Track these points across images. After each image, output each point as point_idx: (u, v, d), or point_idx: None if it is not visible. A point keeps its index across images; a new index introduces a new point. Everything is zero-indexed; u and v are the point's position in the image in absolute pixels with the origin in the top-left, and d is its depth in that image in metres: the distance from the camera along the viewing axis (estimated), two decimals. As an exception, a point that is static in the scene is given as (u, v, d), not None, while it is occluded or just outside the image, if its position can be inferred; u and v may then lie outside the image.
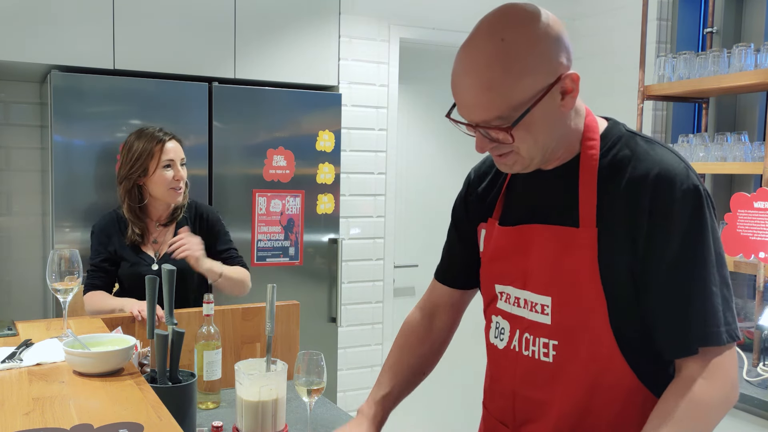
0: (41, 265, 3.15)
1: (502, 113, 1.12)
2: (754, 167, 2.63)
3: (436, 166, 3.76)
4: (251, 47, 3.04)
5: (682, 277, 1.13)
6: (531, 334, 1.26)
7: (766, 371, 2.35)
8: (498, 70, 1.10)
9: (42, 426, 1.12)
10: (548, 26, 1.13)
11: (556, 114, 1.16)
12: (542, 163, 1.22)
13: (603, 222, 1.17)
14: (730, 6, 3.25)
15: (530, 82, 1.11)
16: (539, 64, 1.12)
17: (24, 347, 1.56)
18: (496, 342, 1.35)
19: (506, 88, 1.11)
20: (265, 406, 1.56)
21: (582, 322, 1.19)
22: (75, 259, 1.67)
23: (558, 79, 1.13)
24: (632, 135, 1.23)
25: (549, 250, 1.22)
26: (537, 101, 1.12)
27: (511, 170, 1.24)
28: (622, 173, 1.17)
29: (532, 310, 1.25)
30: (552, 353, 1.22)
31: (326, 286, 3.22)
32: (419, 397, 3.77)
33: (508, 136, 1.14)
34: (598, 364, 1.19)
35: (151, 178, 2.35)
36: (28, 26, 2.66)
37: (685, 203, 1.13)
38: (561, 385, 1.23)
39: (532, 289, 1.25)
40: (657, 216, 1.13)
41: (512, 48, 1.11)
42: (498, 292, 1.34)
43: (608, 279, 1.16)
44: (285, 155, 3.07)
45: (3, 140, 3.10)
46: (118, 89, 2.76)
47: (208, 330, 1.88)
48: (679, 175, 1.14)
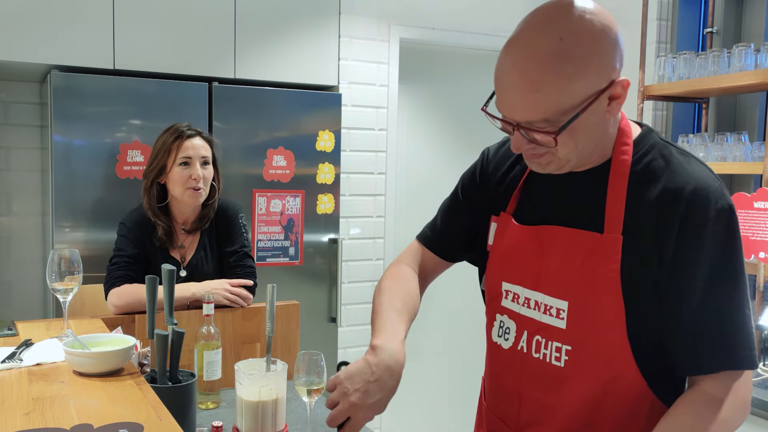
0: (41, 265, 3.15)
1: (548, 116, 1.06)
2: (754, 167, 2.63)
3: (436, 166, 3.76)
4: (251, 47, 3.04)
5: (715, 296, 1.10)
6: (543, 337, 1.22)
7: (766, 371, 2.35)
8: (552, 71, 1.04)
9: (42, 426, 1.12)
10: (608, 27, 1.07)
11: (601, 119, 1.11)
12: (576, 166, 1.18)
13: (629, 230, 1.13)
14: (730, 6, 3.25)
15: (583, 87, 1.05)
16: (595, 68, 1.06)
17: (24, 347, 1.56)
18: (499, 341, 1.32)
19: (558, 92, 1.04)
20: (265, 406, 1.56)
21: (599, 330, 1.16)
22: (75, 259, 1.67)
23: (610, 85, 1.08)
24: (666, 144, 1.19)
25: (569, 254, 1.19)
26: (586, 107, 1.06)
27: (544, 170, 1.18)
28: (655, 183, 1.13)
29: (546, 312, 1.21)
30: (564, 358, 1.20)
31: (326, 286, 3.22)
32: (416, 391, 3.77)
33: (551, 140, 1.09)
34: (610, 370, 1.17)
35: (169, 177, 2.23)
36: (28, 26, 2.66)
37: (720, 222, 1.09)
38: (570, 389, 1.20)
39: (546, 292, 1.22)
40: (689, 232, 1.09)
41: (570, 49, 1.04)
42: (504, 290, 1.30)
43: (629, 289, 1.12)
44: (285, 155, 3.07)
45: (3, 140, 3.10)
46: (118, 89, 2.76)
47: (208, 330, 1.88)
48: (714, 192, 1.10)
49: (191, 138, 2.26)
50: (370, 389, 1.18)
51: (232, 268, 2.30)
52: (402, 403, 3.73)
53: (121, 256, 2.23)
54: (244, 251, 2.33)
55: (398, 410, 3.68)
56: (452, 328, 3.84)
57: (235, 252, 2.32)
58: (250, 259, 2.34)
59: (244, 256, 2.33)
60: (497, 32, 3.58)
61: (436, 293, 3.85)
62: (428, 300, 3.97)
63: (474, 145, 4.07)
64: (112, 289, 2.17)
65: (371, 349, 1.24)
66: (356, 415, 1.18)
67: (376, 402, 1.19)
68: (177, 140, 2.24)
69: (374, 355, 1.22)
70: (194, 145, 2.25)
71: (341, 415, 1.18)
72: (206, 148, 2.29)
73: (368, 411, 1.18)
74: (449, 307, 3.81)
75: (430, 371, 3.81)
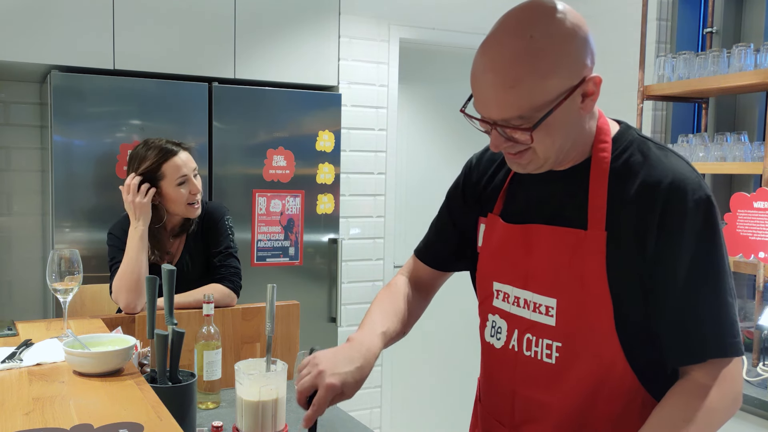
0: (41, 265, 3.16)
1: (523, 113, 1.10)
2: (753, 167, 2.63)
3: (435, 165, 3.76)
4: (251, 47, 3.04)
5: (697, 286, 1.13)
6: (533, 335, 1.25)
7: (766, 371, 2.35)
8: (524, 68, 1.07)
9: (42, 426, 1.12)
10: (577, 26, 1.11)
11: (575, 116, 1.15)
12: (555, 164, 1.20)
13: (612, 225, 1.16)
14: (730, 6, 3.25)
15: (556, 83, 1.09)
16: (566, 64, 1.10)
17: (24, 347, 1.56)
18: (492, 341, 1.34)
19: (531, 88, 1.08)
20: (265, 406, 1.56)
21: (588, 325, 1.18)
22: (75, 259, 1.67)
23: (582, 81, 1.11)
24: (644, 140, 1.22)
25: (555, 252, 1.21)
26: (560, 103, 1.10)
27: (524, 170, 1.21)
28: (634, 178, 1.17)
29: (536, 311, 1.24)
30: (555, 355, 1.22)
31: (326, 286, 3.22)
32: (415, 392, 3.78)
33: (527, 137, 1.12)
34: (601, 365, 1.19)
35: (166, 197, 2.22)
36: (28, 26, 2.67)
37: (698, 213, 1.12)
38: (563, 385, 1.22)
39: (534, 290, 1.24)
40: (669, 224, 1.13)
41: (541, 46, 1.08)
42: (495, 290, 1.33)
43: (615, 282, 1.15)
44: (285, 155, 3.07)
45: (3, 140, 3.10)
46: (118, 89, 2.76)
47: (208, 330, 1.88)
48: (691, 184, 1.13)
49: (179, 154, 2.23)
50: (339, 362, 1.24)
51: (216, 269, 2.30)
52: (402, 403, 3.73)
53: (116, 261, 2.24)
54: (228, 252, 2.33)
55: (399, 410, 3.69)
56: (449, 331, 3.85)
57: (219, 252, 2.32)
58: (234, 260, 2.33)
59: (229, 257, 2.32)
60: (497, 32, 3.58)
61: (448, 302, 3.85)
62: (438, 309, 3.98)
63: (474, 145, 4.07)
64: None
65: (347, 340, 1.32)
66: (322, 383, 1.20)
67: (344, 374, 1.22)
68: (166, 161, 2.20)
69: (347, 342, 1.31)
70: (184, 161, 2.23)
71: (308, 382, 1.21)
72: (191, 159, 2.28)
73: (334, 379, 1.20)
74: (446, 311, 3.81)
75: (428, 373, 3.81)
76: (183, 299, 2.13)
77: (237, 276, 2.31)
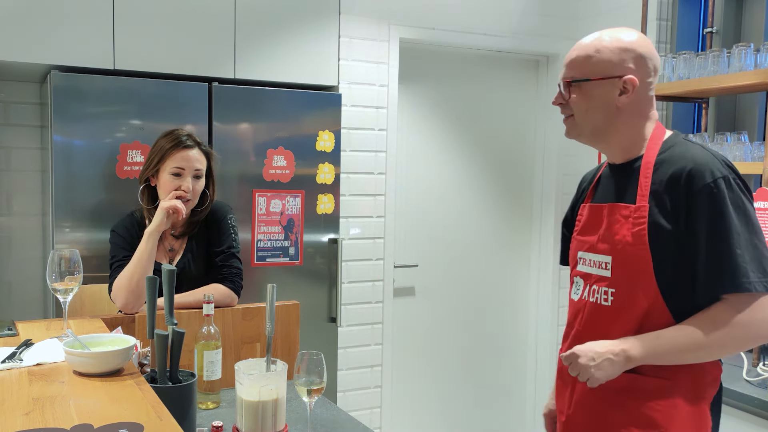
0: (41, 265, 3.16)
1: (575, 75, 1.62)
2: (754, 167, 2.63)
3: (436, 166, 3.76)
4: (251, 47, 3.04)
5: (722, 232, 1.47)
6: (596, 285, 1.64)
7: (766, 371, 2.35)
8: (591, 48, 1.62)
9: (42, 426, 1.12)
10: (634, 42, 1.60)
11: (611, 103, 1.60)
12: (591, 138, 1.66)
13: (653, 200, 1.55)
14: (730, 6, 3.25)
15: (603, 66, 1.60)
16: (614, 59, 1.59)
17: (24, 347, 1.56)
18: (574, 296, 1.74)
19: (587, 59, 1.61)
20: (265, 406, 1.56)
21: (634, 274, 1.56)
22: (75, 259, 1.68)
23: (620, 76, 1.58)
24: (684, 141, 1.62)
25: (613, 221, 1.62)
26: (599, 79, 1.59)
27: (569, 135, 1.69)
28: (670, 167, 1.56)
29: (599, 267, 1.64)
30: (611, 299, 1.60)
31: (326, 286, 3.22)
32: (415, 393, 3.77)
33: (567, 91, 1.63)
34: (644, 307, 1.55)
35: (159, 181, 2.26)
36: (28, 26, 2.67)
37: (718, 185, 1.49)
38: (616, 324, 1.58)
39: (598, 252, 1.65)
40: (693, 195, 1.50)
41: (606, 43, 1.61)
42: (579, 258, 1.73)
43: (655, 241, 1.53)
44: (285, 155, 3.07)
45: (3, 140, 3.10)
46: (118, 89, 2.76)
47: (208, 330, 1.88)
48: (710, 165, 1.51)
49: (189, 149, 2.26)
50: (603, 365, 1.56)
51: (218, 269, 2.31)
52: (402, 403, 3.73)
53: (117, 259, 2.25)
54: (231, 252, 2.33)
55: (399, 410, 3.69)
56: (449, 331, 3.85)
57: (221, 252, 2.32)
58: (236, 260, 2.34)
59: (231, 257, 2.33)
60: (497, 32, 3.59)
61: (448, 303, 3.86)
62: (438, 309, 3.96)
63: (474, 145, 4.08)
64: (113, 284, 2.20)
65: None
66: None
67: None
68: (174, 148, 2.24)
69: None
70: (189, 157, 2.25)
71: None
72: (201, 161, 2.29)
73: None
74: (446, 311, 3.81)
75: (428, 373, 3.81)
76: (183, 299, 2.13)
77: (238, 276, 2.31)
